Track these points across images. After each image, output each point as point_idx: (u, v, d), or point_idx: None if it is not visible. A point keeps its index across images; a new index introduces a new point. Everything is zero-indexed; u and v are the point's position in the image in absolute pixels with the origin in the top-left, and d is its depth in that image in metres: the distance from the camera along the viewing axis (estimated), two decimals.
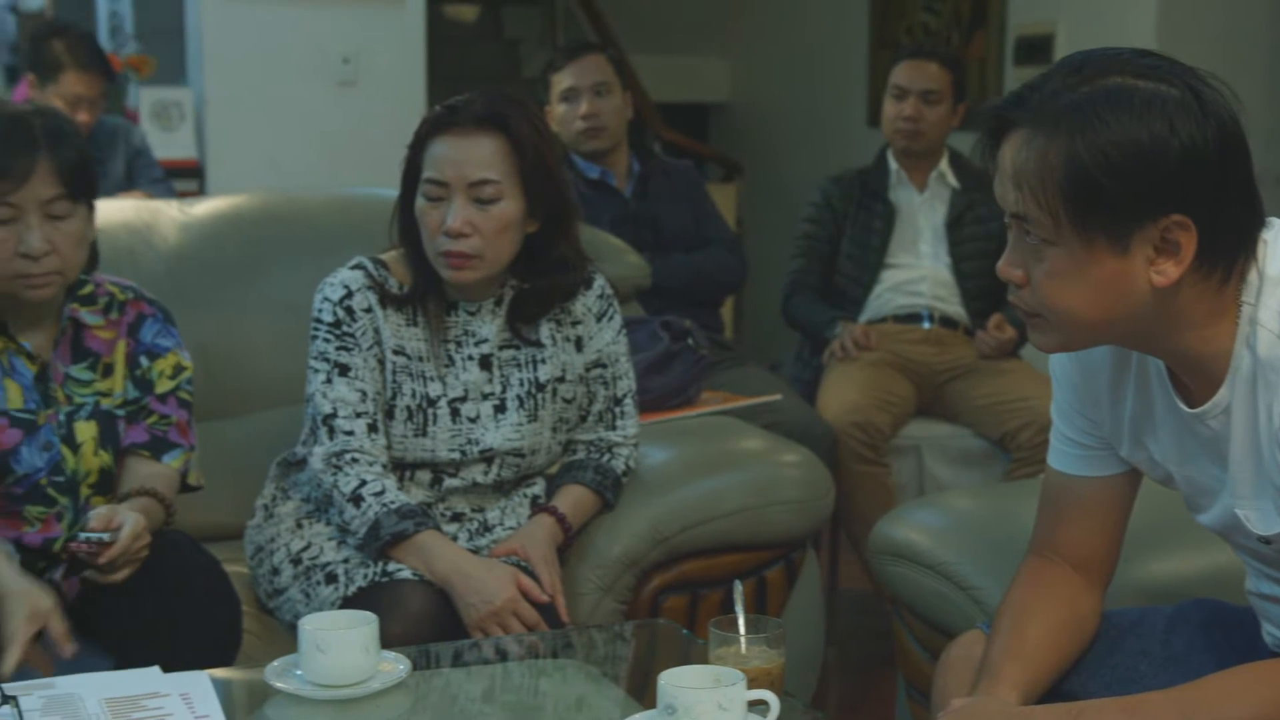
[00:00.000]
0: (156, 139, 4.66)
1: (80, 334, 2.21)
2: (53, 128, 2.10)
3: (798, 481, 2.55)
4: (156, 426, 2.23)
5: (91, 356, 2.21)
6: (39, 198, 2.06)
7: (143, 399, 2.23)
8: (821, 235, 3.84)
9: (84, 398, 2.19)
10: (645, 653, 2.12)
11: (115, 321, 2.24)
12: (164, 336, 2.26)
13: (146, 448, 2.21)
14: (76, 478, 2.17)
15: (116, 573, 2.01)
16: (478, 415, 2.32)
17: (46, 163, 2.06)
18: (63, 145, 2.09)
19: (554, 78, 3.64)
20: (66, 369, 2.19)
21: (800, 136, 6.57)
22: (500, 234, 2.24)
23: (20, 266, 2.07)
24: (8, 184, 2.05)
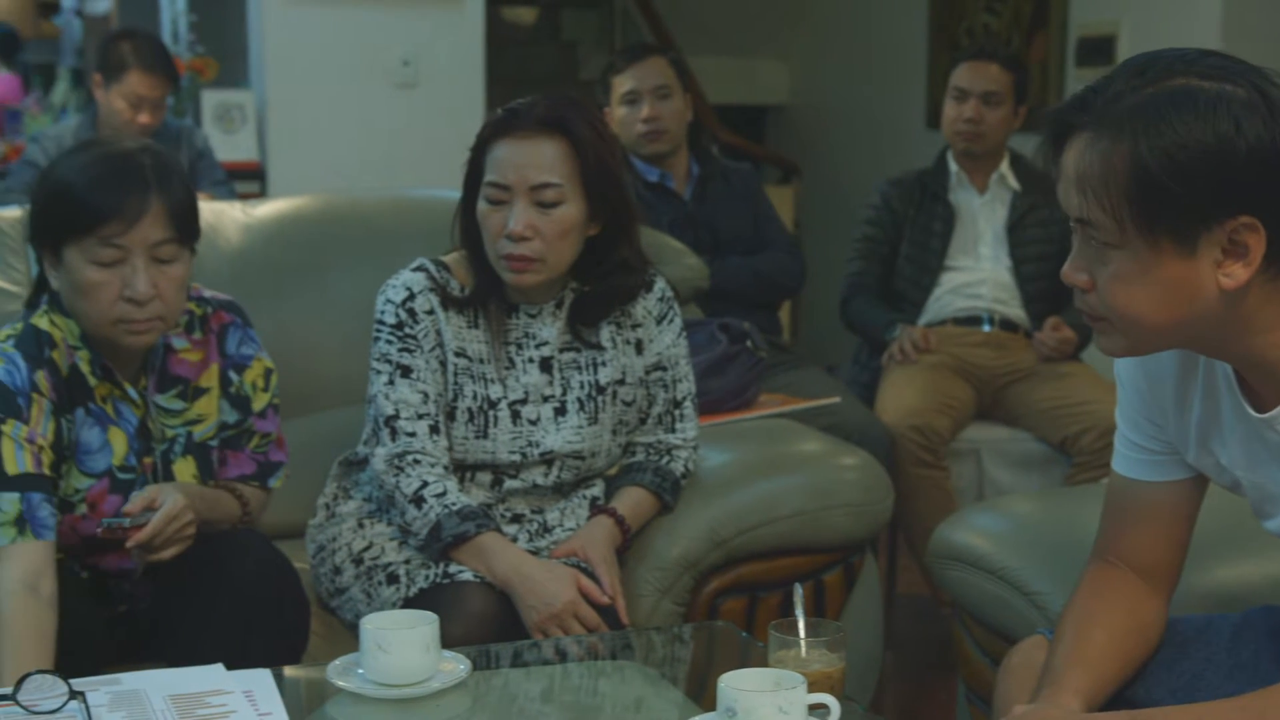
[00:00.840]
0: (218, 141, 4.71)
1: (167, 360, 2.16)
2: (161, 166, 2.03)
3: (856, 485, 2.54)
4: (258, 450, 2.24)
5: (180, 384, 2.16)
6: (147, 240, 1.99)
7: (245, 421, 2.21)
8: (881, 238, 3.82)
9: (175, 429, 2.15)
10: (704, 655, 2.12)
11: (201, 341, 2.18)
12: (247, 344, 2.23)
13: (255, 478, 2.23)
14: None
15: (159, 552, 2.01)
16: (538, 417, 2.32)
17: (158, 204, 1.99)
18: (172, 185, 2.02)
19: (615, 80, 3.64)
20: (154, 399, 2.14)
21: (858, 138, 6.54)
22: (562, 237, 2.25)
23: (123, 311, 2.00)
24: (118, 225, 1.98)
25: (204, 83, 5.21)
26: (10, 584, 1.89)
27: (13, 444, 1.96)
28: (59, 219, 2.01)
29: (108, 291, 1.99)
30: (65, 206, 2.00)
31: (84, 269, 1.99)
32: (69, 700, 1.59)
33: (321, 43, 4.84)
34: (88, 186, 1.98)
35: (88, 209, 1.97)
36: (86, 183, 1.98)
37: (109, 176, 1.98)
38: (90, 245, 1.98)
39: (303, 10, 4.81)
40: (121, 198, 1.97)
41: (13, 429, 1.97)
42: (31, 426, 1.98)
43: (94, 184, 1.98)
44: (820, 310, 5.68)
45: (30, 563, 1.92)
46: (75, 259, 2.00)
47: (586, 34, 7.68)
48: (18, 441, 1.97)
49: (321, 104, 4.86)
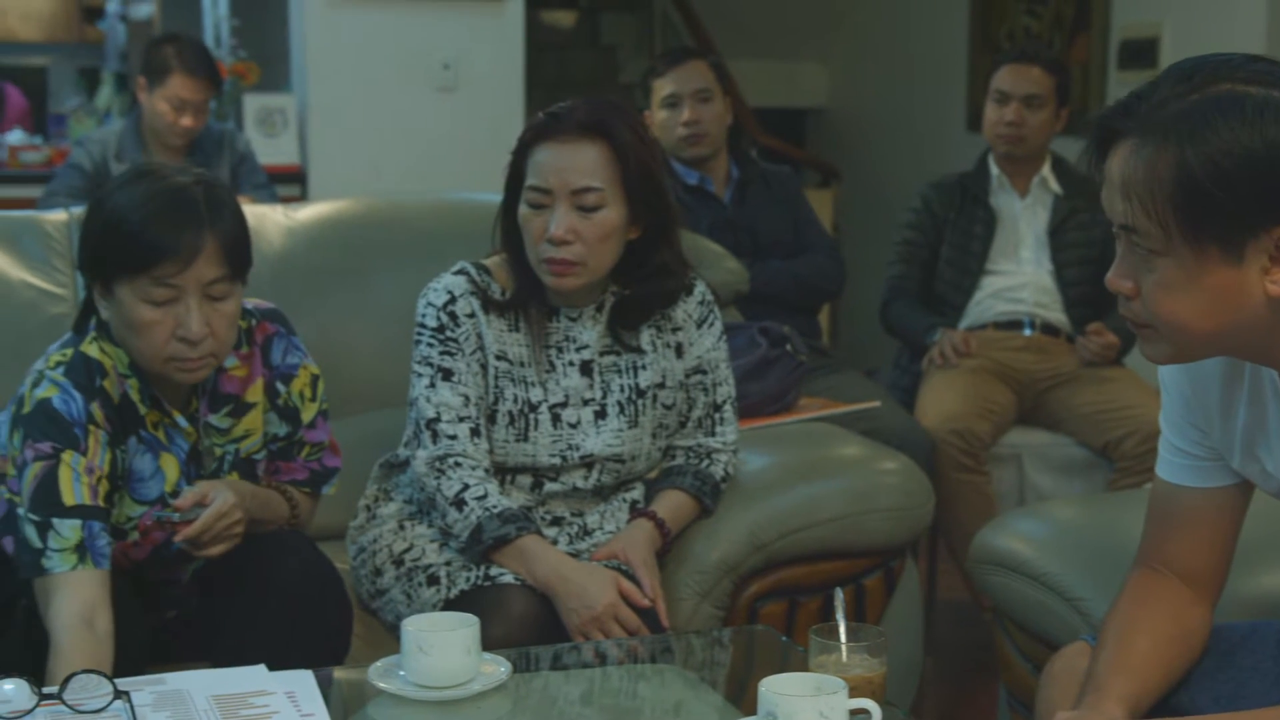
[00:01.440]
0: (260, 145, 4.74)
1: (218, 380, 2.13)
2: (214, 199, 1.99)
3: (897, 489, 2.54)
4: (311, 458, 2.24)
5: (230, 402, 2.14)
6: (201, 280, 1.95)
7: (295, 434, 2.20)
8: (921, 241, 3.81)
9: (223, 448, 2.14)
10: (743, 659, 2.12)
11: (247, 356, 2.16)
12: (291, 353, 2.20)
13: (307, 484, 2.24)
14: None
15: (207, 548, 2.02)
16: (578, 421, 2.33)
17: (212, 242, 1.95)
18: (225, 218, 1.98)
19: (655, 83, 3.65)
20: (205, 419, 2.13)
21: (898, 141, 6.52)
22: (602, 241, 2.25)
23: (176, 350, 1.97)
24: (173, 266, 1.93)
25: (246, 86, 5.25)
26: (67, 617, 1.85)
27: (71, 473, 1.94)
28: (112, 254, 1.97)
29: (160, 331, 1.96)
30: (119, 243, 1.95)
31: (136, 307, 1.96)
32: (114, 700, 1.61)
33: (362, 47, 4.86)
34: (142, 223, 1.93)
35: (142, 247, 1.93)
36: (141, 219, 1.94)
37: (164, 214, 1.94)
38: (143, 284, 1.94)
39: (344, 14, 4.84)
40: (176, 237, 1.93)
41: (71, 459, 1.94)
42: (89, 459, 1.95)
43: (148, 221, 1.93)
44: (859, 314, 5.66)
45: (88, 594, 1.88)
46: (127, 295, 1.96)
47: (626, 38, 7.69)
48: (76, 472, 1.94)
49: (362, 108, 4.89)
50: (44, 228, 2.65)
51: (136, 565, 2.12)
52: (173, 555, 2.10)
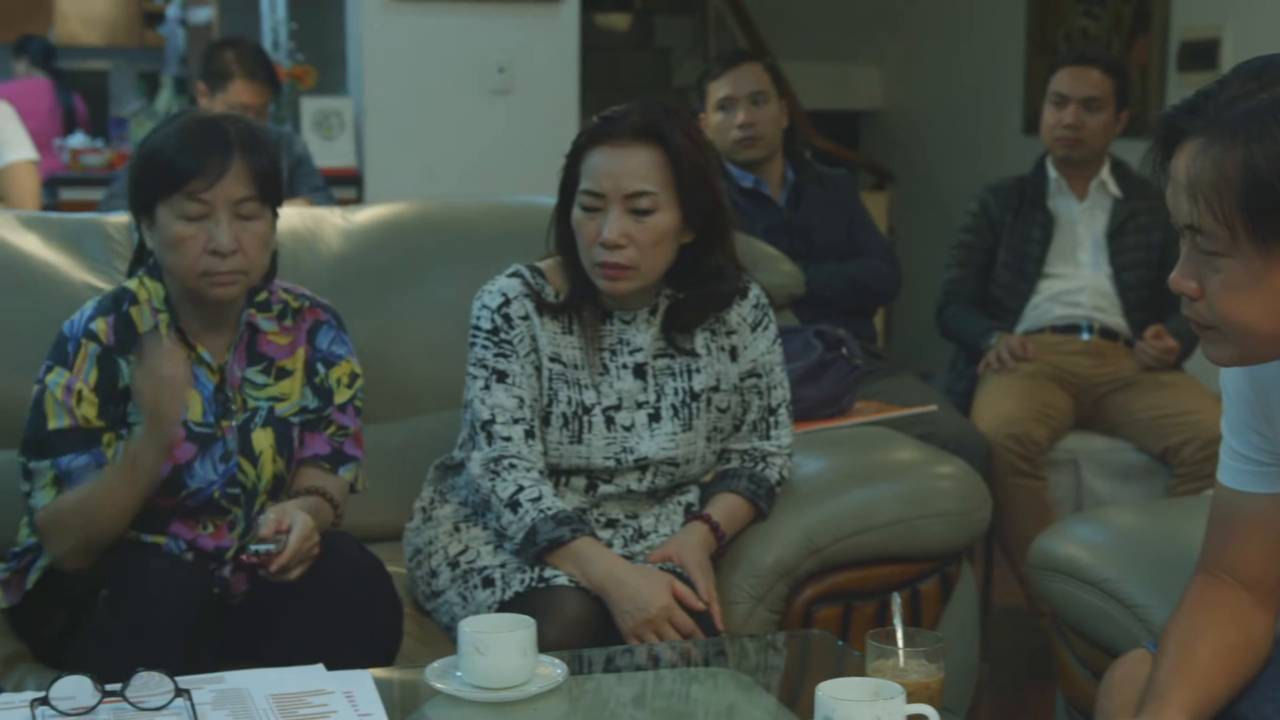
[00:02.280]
0: (317, 148, 4.77)
1: (255, 338, 2.25)
2: (245, 132, 2.15)
3: (953, 494, 2.52)
4: (335, 438, 2.27)
5: (266, 360, 2.25)
6: (230, 197, 2.11)
7: (325, 409, 2.26)
8: (978, 244, 3.79)
9: (258, 402, 2.23)
10: (798, 663, 2.11)
11: (291, 328, 2.27)
12: (338, 344, 2.30)
13: (327, 460, 2.26)
14: (254, 489, 2.20)
15: (290, 573, 2.04)
16: (632, 424, 2.33)
17: (240, 164, 2.11)
18: (255, 149, 2.14)
19: (710, 86, 3.64)
20: (243, 373, 2.23)
21: (953, 144, 6.49)
22: (656, 245, 2.25)
23: (208, 264, 2.11)
24: (202, 182, 2.10)
25: (303, 90, 5.29)
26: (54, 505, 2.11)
27: (52, 400, 2.12)
28: (151, 179, 2.14)
29: (194, 245, 2.11)
30: (156, 167, 2.13)
31: (173, 224, 2.12)
32: (175, 698, 1.62)
33: (418, 50, 4.89)
34: (176, 148, 2.12)
35: (176, 167, 2.11)
36: (175, 145, 2.12)
37: (196, 139, 2.12)
38: (178, 201, 2.11)
39: (400, 18, 4.87)
40: (206, 156, 2.10)
41: (54, 377, 2.12)
42: (73, 374, 2.12)
43: (182, 146, 2.12)
44: (914, 317, 5.64)
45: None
46: (165, 216, 2.13)
47: (680, 40, 7.69)
48: (57, 397, 2.12)
49: (418, 111, 4.92)
50: (105, 229, 2.68)
51: (176, 519, 2.18)
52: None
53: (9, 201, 3.96)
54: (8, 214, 2.71)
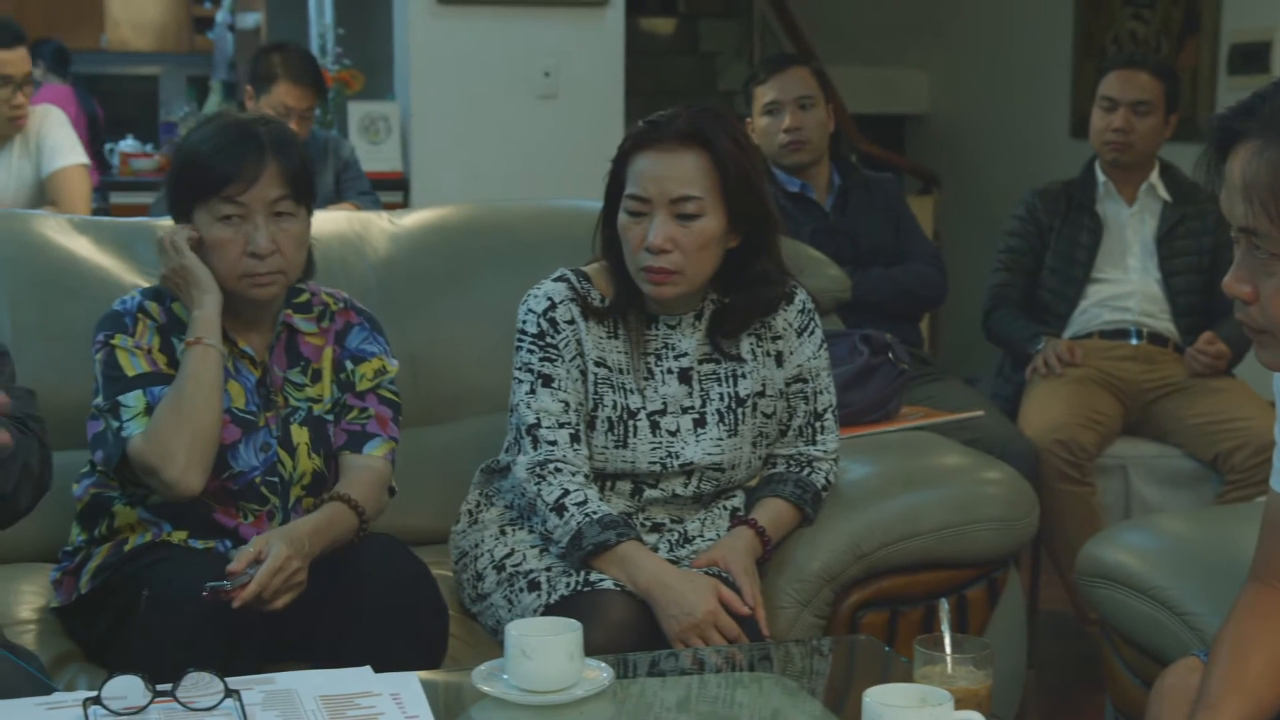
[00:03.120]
0: (364, 152, 4.80)
1: (294, 339, 2.29)
2: (277, 134, 2.21)
3: (1000, 499, 2.50)
4: (354, 420, 2.29)
5: (303, 361, 2.29)
6: (266, 198, 2.16)
7: (343, 397, 2.30)
8: (1025, 249, 3.77)
9: (298, 401, 2.27)
10: (844, 668, 2.10)
11: (326, 329, 2.32)
12: (370, 343, 2.33)
13: (347, 446, 2.28)
14: (290, 479, 2.24)
15: (270, 604, 2.01)
16: (677, 428, 2.32)
17: (273, 166, 2.17)
18: (287, 151, 2.20)
19: (757, 90, 3.64)
20: (284, 373, 2.27)
21: (1000, 148, 6.46)
22: (701, 250, 2.25)
23: (248, 265, 2.17)
24: (238, 185, 2.15)
25: (350, 94, 5.32)
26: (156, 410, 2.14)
27: (126, 354, 2.18)
28: (188, 183, 2.20)
29: (233, 248, 2.17)
30: (193, 172, 2.19)
31: (211, 227, 2.17)
32: (224, 698, 1.63)
33: (464, 55, 4.91)
34: (211, 153, 2.18)
35: (212, 171, 2.16)
36: (211, 150, 2.18)
37: (230, 143, 2.17)
38: (215, 204, 2.17)
39: (446, 23, 4.89)
40: (241, 160, 2.16)
41: (120, 340, 2.19)
42: (136, 338, 2.19)
43: (217, 150, 2.17)
44: (960, 322, 5.61)
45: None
46: (204, 219, 2.18)
47: (725, 45, 7.69)
48: (129, 350, 2.18)
49: (464, 115, 4.94)
50: (156, 233, 2.69)
51: (219, 507, 2.20)
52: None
53: (61, 206, 3.99)
54: (61, 218, 2.74)
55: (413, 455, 2.54)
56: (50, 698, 1.70)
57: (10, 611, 2.26)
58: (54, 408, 2.38)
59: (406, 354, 2.64)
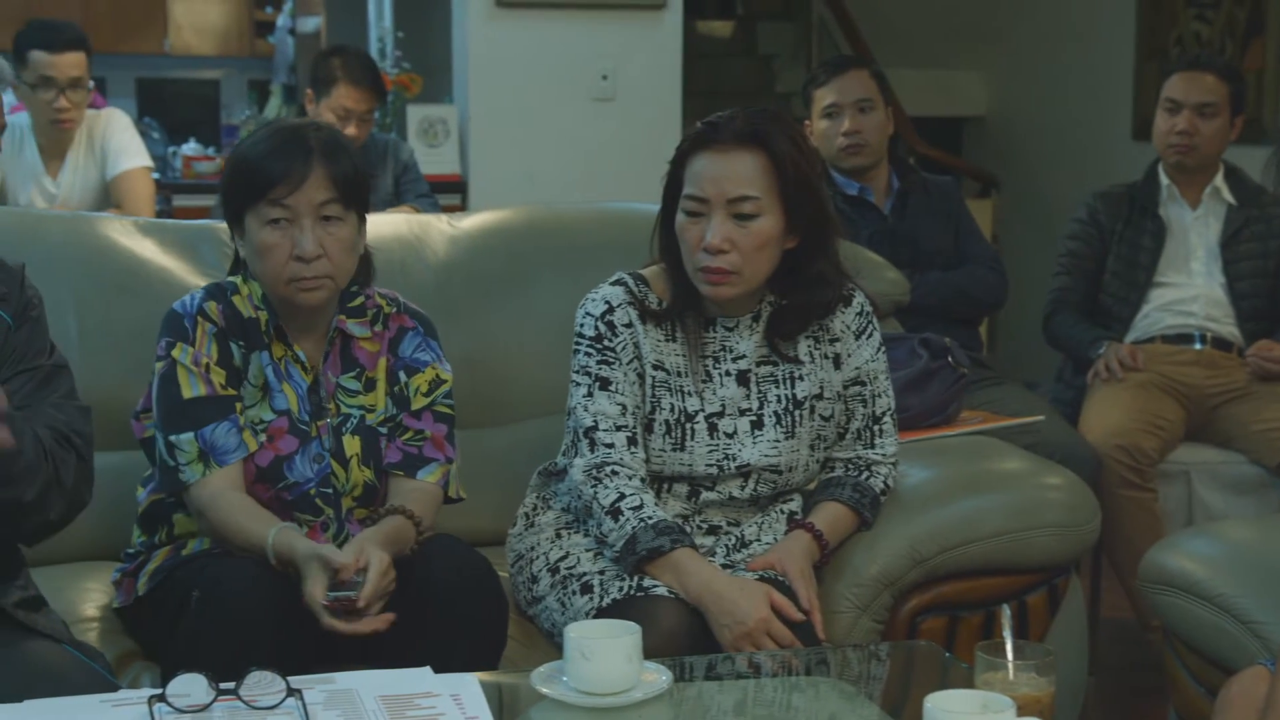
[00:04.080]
0: (422, 155, 4.83)
1: (348, 345, 2.29)
2: (327, 139, 2.20)
3: (1062, 505, 2.48)
4: (410, 443, 2.28)
5: (358, 368, 2.29)
6: (312, 202, 2.16)
7: (398, 415, 2.29)
8: (1086, 252, 3.74)
9: (350, 409, 2.27)
10: (902, 674, 2.09)
11: (379, 334, 2.31)
12: (423, 350, 2.32)
13: (400, 467, 2.27)
14: (343, 490, 2.24)
15: (373, 606, 2.01)
16: (735, 431, 2.32)
17: (320, 170, 2.16)
18: (336, 155, 2.19)
19: (816, 93, 3.63)
20: (337, 379, 2.27)
21: (1060, 151, 6.40)
22: (759, 250, 2.25)
23: (294, 270, 2.16)
24: (284, 188, 2.15)
25: (409, 98, 5.35)
26: (211, 492, 2.16)
27: (185, 371, 2.19)
28: (238, 188, 2.21)
29: (280, 252, 2.16)
30: (242, 176, 2.20)
31: (259, 231, 2.18)
32: (287, 697, 1.64)
33: (522, 58, 4.92)
34: (260, 157, 2.18)
35: (259, 175, 2.17)
36: (259, 154, 2.19)
37: (278, 147, 2.18)
38: (263, 209, 2.17)
39: (505, 26, 4.90)
40: (287, 164, 2.16)
41: (180, 353, 2.19)
42: (196, 348, 2.19)
43: (266, 155, 2.18)
44: (1019, 325, 5.57)
45: (218, 484, 2.16)
46: (253, 223, 2.19)
47: (783, 47, 7.67)
48: (189, 368, 2.19)
49: (522, 118, 4.95)
50: (219, 235, 2.73)
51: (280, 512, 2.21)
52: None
53: (125, 208, 4.05)
54: (125, 220, 2.77)
55: (469, 457, 2.54)
56: (116, 695, 1.72)
57: (76, 609, 2.29)
58: (118, 408, 2.42)
59: (464, 356, 2.65)
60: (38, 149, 4.11)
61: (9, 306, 1.95)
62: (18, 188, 4.09)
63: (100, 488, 2.30)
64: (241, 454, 2.18)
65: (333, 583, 2.02)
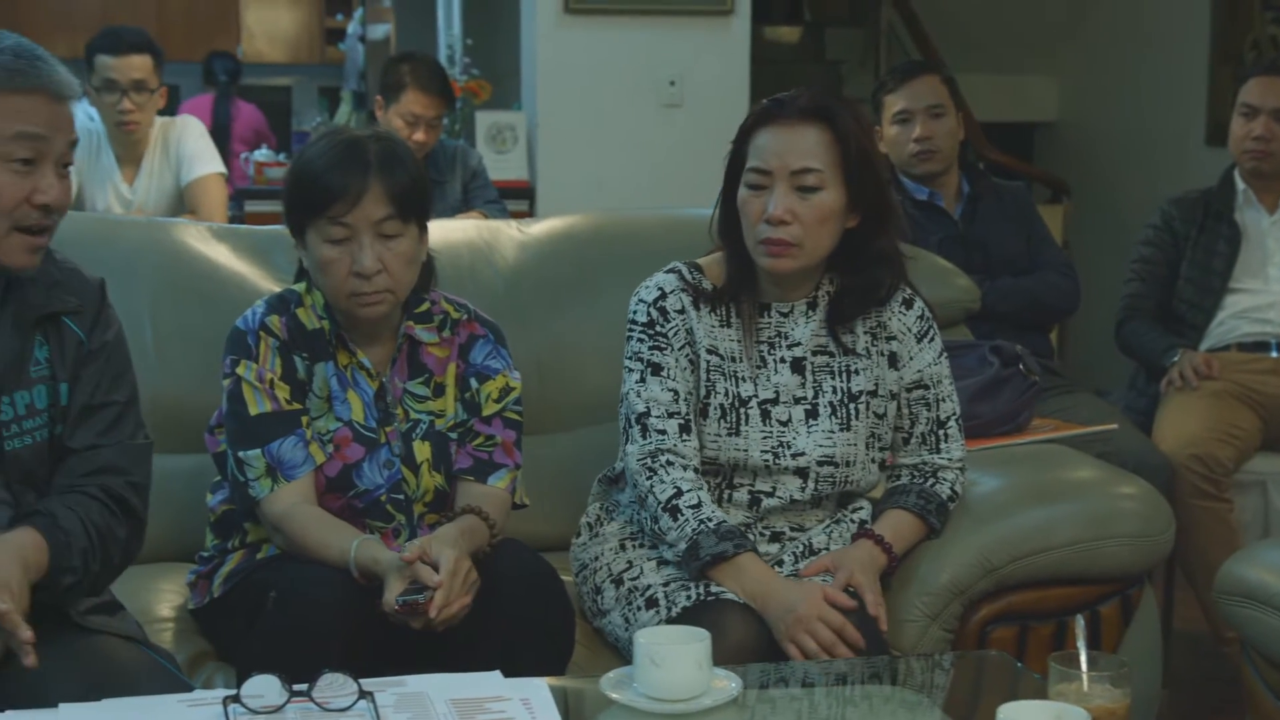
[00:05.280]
0: (490, 161, 4.85)
1: (416, 351, 2.29)
2: (386, 151, 2.18)
3: (1136, 515, 2.45)
4: (481, 448, 2.29)
5: (426, 373, 2.29)
6: (370, 218, 2.15)
7: (469, 421, 2.29)
8: (1160, 259, 3.69)
9: (419, 415, 2.27)
10: (972, 684, 2.08)
11: (448, 340, 2.31)
12: (494, 358, 2.32)
13: (471, 472, 2.27)
14: (414, 496, 2.25)
15: (451, 608, 2.01)
16: (789, 418, 2.31)
17: (378, 184, 2.15)
18: (395, 168, 2.17)
19: (886, 99, 3.61)
20: (404, 384, 2.28)
21: (1132, 156, 6.33)
22: (820, 224, 2.24)
23: (354, 285, 2.16)
24: (342, 205, 2.15)
25: (478, 104, 5.38)
26: (284, 507, 2.17)
27: (250, 388, 2.19)
28: (298, 202, 2.21)
29: (340, 268, 2.16)
30: (302, 190, 2.20)
31: (320, 247, 2.18)
32: (359, 699, 1.66)
33: (590, 64, 4.94)
34: (319, 172, 2.17)
35: (318, 191, 2.16)
36: (318, 169, 2.17)
37: (337, 162, 2.16)
38: (323, 225, 2.16)
39: (573, 33, 4.92)
40: (345, 180, 2.15)
41: (245, 370, 2.20)
42: (260, 365, 2.20)
43: (324, 169, 2.16)
44: (1089, 332, 5.51)
45: (287, 498, 2.17)
46: (314, 239, 2.19)
47: (850, 53, 7.63)
48: (253, 385, 2.19)
49: (589, 124, 4.96)
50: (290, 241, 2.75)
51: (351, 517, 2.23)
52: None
53: (199, 214, 4.09)
54: (200, 226, 2.81)
55: (537, 464, 2.55)
56: (191, 695, 1.74)
57: (151, 610, 2.32)
58: (191, 411, 2.46)
59: (532, 361, 2.66)
60: (113, 156, 4.17)
61: (83, 321, 1.96)
62: (95, 193, 4.16)
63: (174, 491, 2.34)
64: (309, 467, 2.19)
65: (406, 589, 2.02)
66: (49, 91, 1.84)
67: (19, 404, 1.89)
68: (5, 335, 1.89)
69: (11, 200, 1.83)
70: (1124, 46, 6.44)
